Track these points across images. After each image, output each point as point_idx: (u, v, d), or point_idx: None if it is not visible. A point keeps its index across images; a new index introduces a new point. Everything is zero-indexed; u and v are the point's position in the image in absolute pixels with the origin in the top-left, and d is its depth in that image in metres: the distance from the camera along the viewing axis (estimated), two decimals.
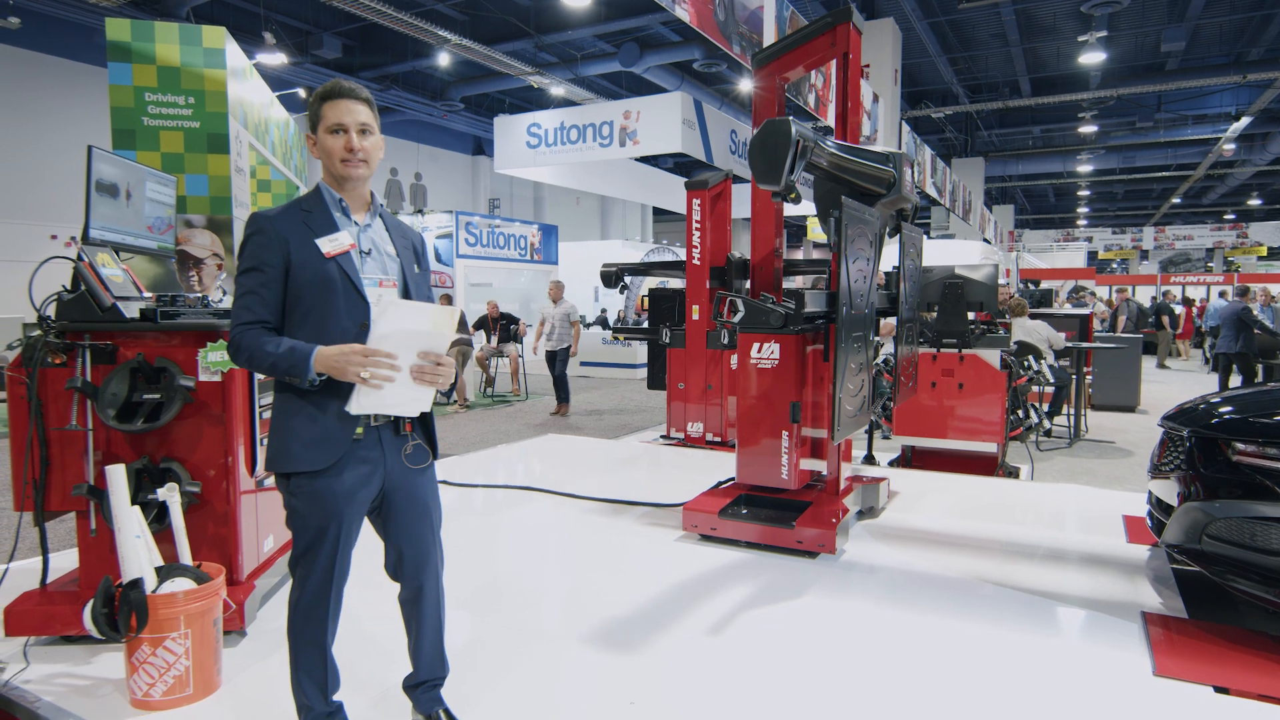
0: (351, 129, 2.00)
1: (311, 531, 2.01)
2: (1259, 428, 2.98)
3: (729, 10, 8.06)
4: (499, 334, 11.56)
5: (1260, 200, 31.58)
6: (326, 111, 2.00)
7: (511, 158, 13.98)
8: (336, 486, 1.99)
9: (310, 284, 1.95)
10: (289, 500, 2.02)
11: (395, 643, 2.91)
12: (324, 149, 2.02)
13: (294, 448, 1.97)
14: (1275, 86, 15.26)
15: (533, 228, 17.93)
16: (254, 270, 1.96)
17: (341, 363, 1.86)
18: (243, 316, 1.94)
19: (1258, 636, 2.95)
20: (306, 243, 1.97)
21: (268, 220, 1.97)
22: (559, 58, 16.21)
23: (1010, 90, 17.87)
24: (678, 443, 6.89)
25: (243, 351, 1.93)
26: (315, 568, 2.04)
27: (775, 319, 3.99)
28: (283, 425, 2.00)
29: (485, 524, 4.64)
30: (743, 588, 3.45)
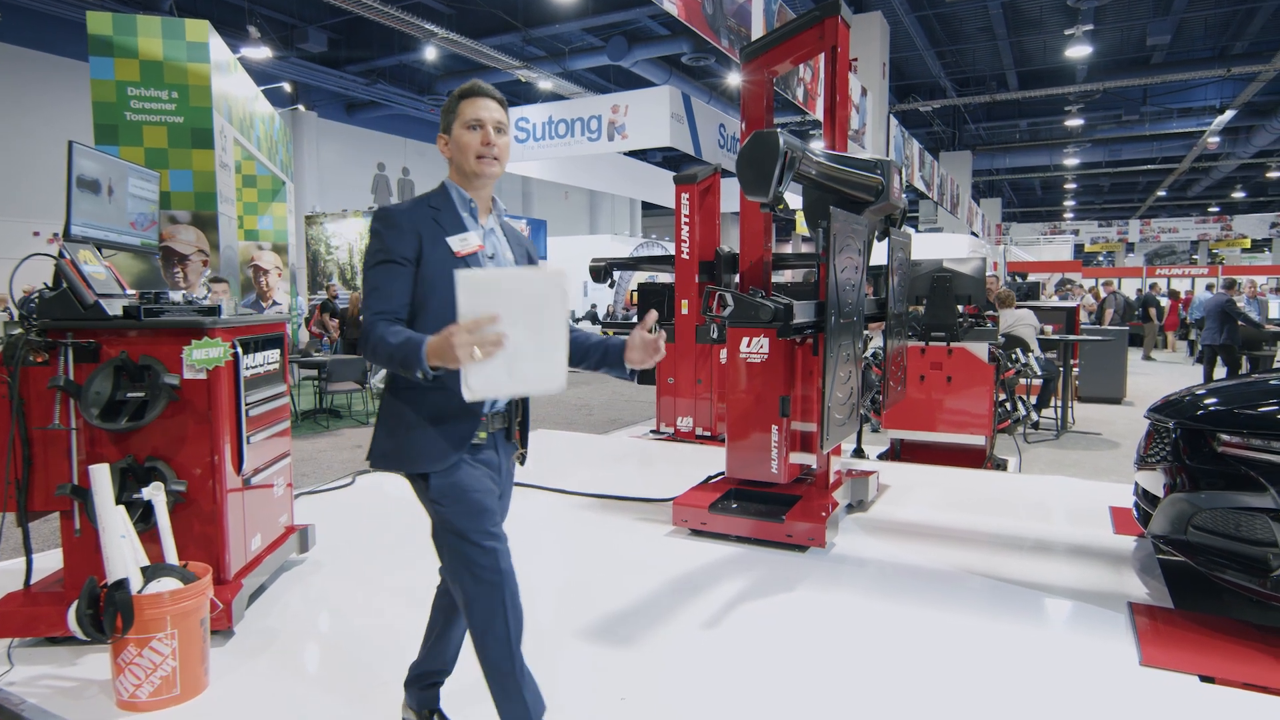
0: (488, 124, 1.96)
1: (465, 536, 1.88)
2: (1243, 419, 3.01)
3: (717, 4, 8.04)
4: None
5: (1244, 193, 31.83)
6: (464, 108, 1.96)
7: None
8: (478, 482, 1.91)
9: (440, 284, 1.87)
10: (434, 508, 1.90)
11: (384, 640, 2.90)
12: (459, 145, 1.97)
13: (415, 444, 1.88)
14: (1259, 80, 15.36)
15: (521, 222, 17.87)
16: (388, 263, 1.88)
17: (445, 346, 1.64)
18: (375, 306, 1.86)
19: (1242, 626, 2.98)
20: (438, 240, 1.92)
21: (400, 214, 1.91)
22: (547, 52, 16.14)
23: (997, 84, 17.92)
24: (667, 437, 6.89)
25: (370, 342, 1.83)
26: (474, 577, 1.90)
27: (765, 314, 3.99)
28: (399, 420, 1.92)
29: None
30: (734, 582, 3.46)
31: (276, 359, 3.39)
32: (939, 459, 5.96)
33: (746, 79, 4.29)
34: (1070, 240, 33.24)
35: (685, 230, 6.63)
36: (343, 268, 16.08)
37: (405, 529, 4.37)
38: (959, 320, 5.76)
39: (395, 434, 1.92)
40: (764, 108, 4.25)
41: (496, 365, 1.63)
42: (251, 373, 3.09)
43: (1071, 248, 32.98)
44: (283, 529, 3.55)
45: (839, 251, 3.49)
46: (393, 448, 1.92)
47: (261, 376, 3.21)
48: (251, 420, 3.06)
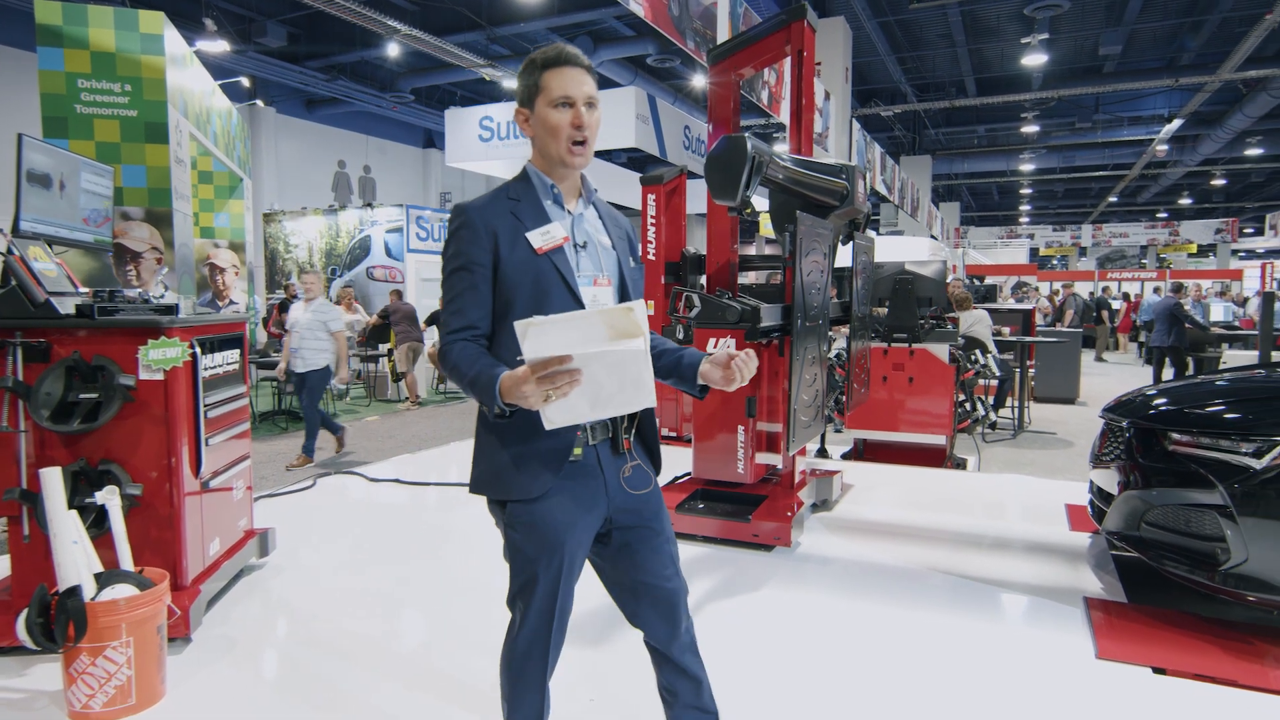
0: (579, 101, 1.68)
1: (531, 566, 1.73)
2: (1192, 419, 3.10)
3: (683, 6, 8.07)
4: None
5: (1190, 200, 32.87)
6: (549, 81, 1.68)
7: (463, 151, 13.79)
8: (558, 515, 1.71)
9: (522, 284, 1.68)
10: (506, 532, 1.76)
11: (346, 646, 2.86)
12: (545, 126, 1.69)
13: (504, 472, 1.71)
14: (1205, 90, 15.88)
15: None
16: (461, 270, 1.69)
17: (518, 391, 1.49)
18: (452, 323, 1.68)
19: (1193, 619, 3.08)
20: (517, 236, 1.69)
21: (474, 212, 1.70)
22: (512, 50, 16.04)
23: (956, 90, 18.25)
24: None
25: (448, 365, 1.67)
26: (533, 605, 1.76)
27: (732, 315, 4.02)
28: (490, 445, 1.73)
29: (439, 522, 4.58)
30: (701, 582, 3.47)
31: (236, 359, 3.32)
32: (901, 458, 6.05)
33: (713, 81, 4.31)
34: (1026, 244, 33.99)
35: (651, 231, 6.63)
36: (302, 266, 15.81)
37: (367, 532, 4.31)
38: (921, 322, 5.86)
39: (487, 456, 1.74)
40: (731, 110, 4.28)
41: (578, 398, 1.50)
42: (210, 373, 3.02)
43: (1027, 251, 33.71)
44: (242, 533, 3.48)
45: (805, 255, 3.53)
46: (486, 472, 1.74)
47: (220, 377, 3.14)
48: (210, 422, 2.99)
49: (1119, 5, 13.45)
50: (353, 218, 15.56)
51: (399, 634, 3.05)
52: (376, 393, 10.62)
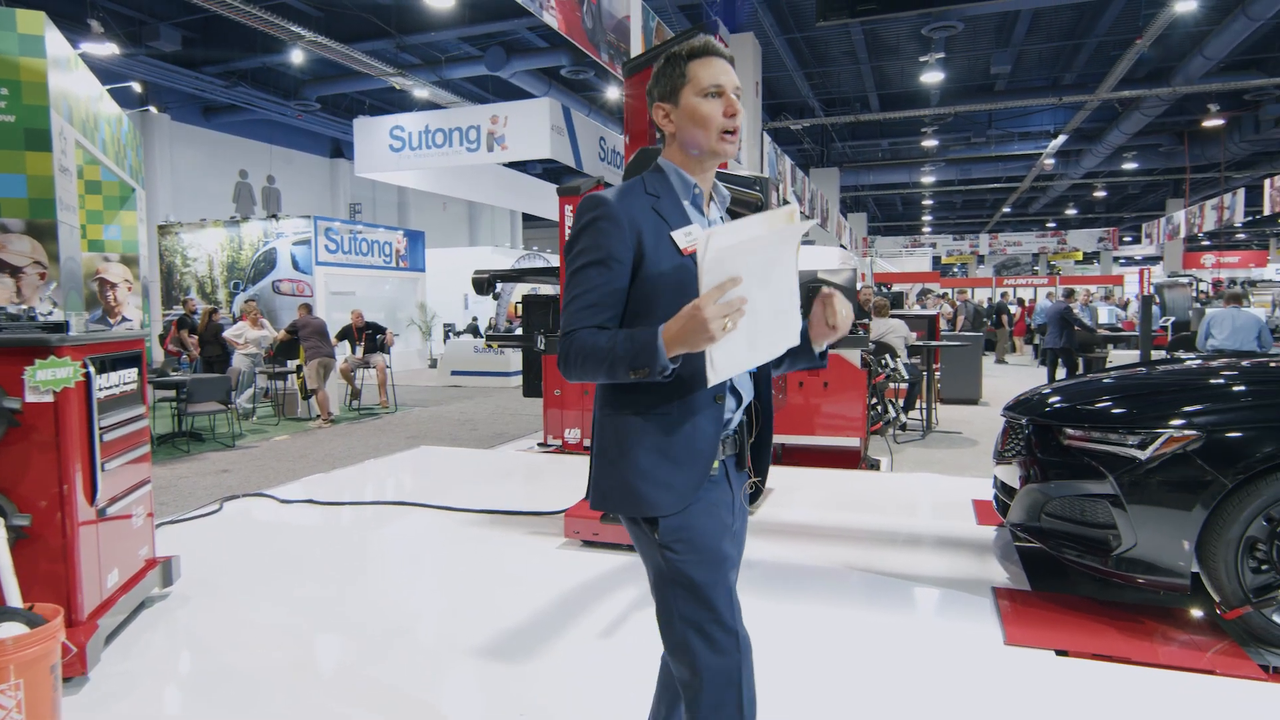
0: (729, 90, 1.58)
1: (695, 589, 1.53)
2: (1084, 414, 3.31)
3: (596, 18, 8.13)
4: (365, 344, 11.10)
5: (1076, 210, 35.09)
6: (698, 71, 1.58)
7: (373, 161, 13.49)
8: (711, 523, 1.55)
9: (665, 287, 1.53)
10: (664, 555, 1.52)
11: (261, 677, 2.73)
12: (694, 117, 1.57)
13: (647, 483, 1.52)
14: (1086, 108, 17.00)
15: (398, 234, 17.35)
16: (599, 264, 1.52)
17: (694, 324, 1.34)
18: (582, 320, 1.51)
19: (1090, 602, 3.27)
20: (661, 234, 1.56)
21: (617, 203, 1.54)
22: (422, 59, 15.79)
23: (861, 105, 18.98)
24: (555, 450, 6.86)
25: (573, 356, 1.50)
26: (716, 632, 1.55)
27: None
28: (625, 452, 1.56)
29: (356, 542, 4.44)
30: (629, 590, 3.48)
31: (134, 378, 3.14)
32: (818, 461, 6.22)
33: (629, 94, 4.35)
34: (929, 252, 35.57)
35: None
36: (201, 281, 15.11)
37: (279, 557, 4.14)
38: None
39: (619, 469, 1.56)
40: (647, 122, 4.32)
41: (738, 336, 1.38)
42: (106, 394, 2.85)
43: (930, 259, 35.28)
44: (143, 562, 3.29)
45: None
46: (617, 487, 1.56)
47: (117, 398, 2.96)
48: (106, 446, 2.82)
49: (1008, 27, 14.27)
50: (256, 230, 14.97)
51: (316, 662, 2.93)
52: (285, 411, 10.22)
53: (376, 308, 16.09)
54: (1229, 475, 2.85)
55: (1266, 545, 2.83)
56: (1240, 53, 14.74)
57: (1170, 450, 2.97)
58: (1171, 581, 2.96)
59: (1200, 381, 3.63)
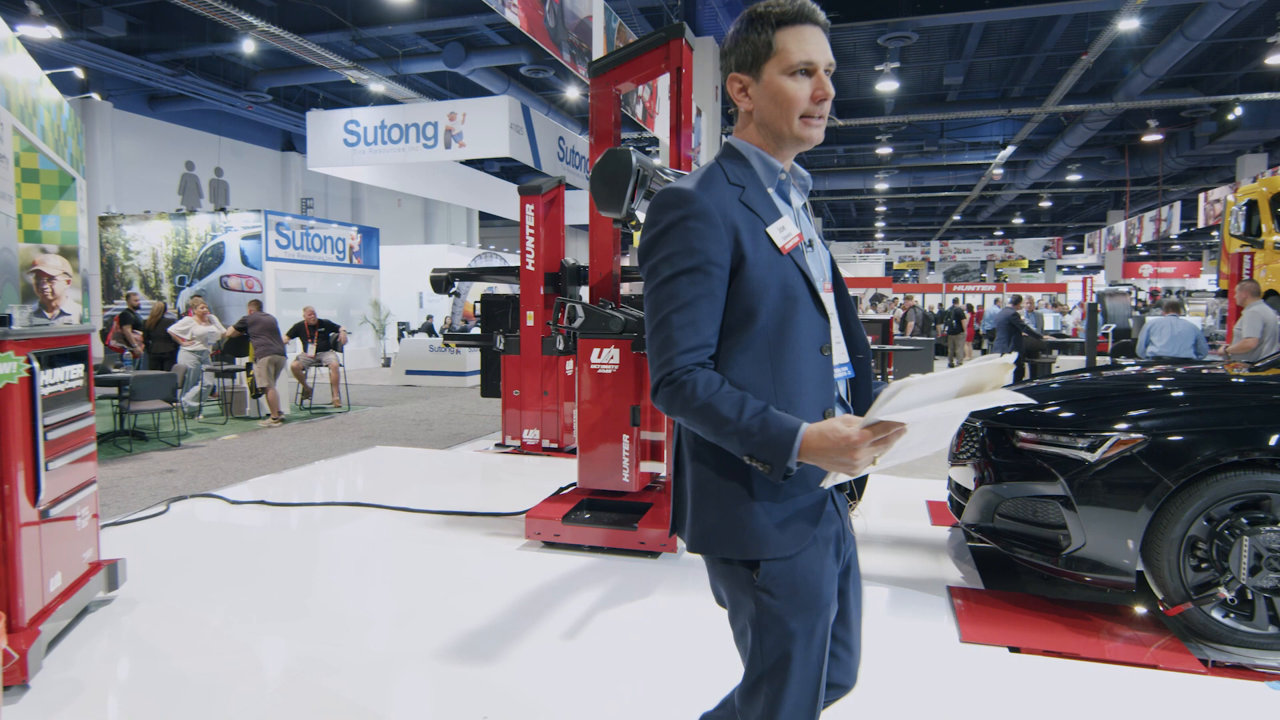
0: (821, 67, 1.36)
1: (789, 637, 1.36)
2: (1036, 418, 3.40)
3: (559, 18, 8.10)
4: (317, 342, 10.87)
5: (1023, 219, 36.12)
6: (787, 42, 1.34)
7: (327, 155, 13.24)
8: (817, 568, 1.38)
9: (769, 291, 1.33)
10: (760, 599, 1.36)
11: (209, 683, 2.66)
12: (776, 97, 1.36)
13: (756, 526, 1.35)
14: (1033, 120, 17.51)
15: (352, 230, 17.03)
16: (694, 272, 1.30)
17: (839, 454, 1.20)
18: (682, 341, 1.30)
19: (1041, 601, 3.37)
20: (757, 231, 1.34)
21: (708, 199, 1.32)
22: (379, 53, 15.54)
23: None
24: (514, 450, 6.80)
25: (680, 403, 1.30)
26: (791, 684, 1.37)
27: (615, 325, 4.05)
28: (728, 491, 1.37)
29: (309, 544, 4.34)
30: (591, 591, 3.47)
31: (80, 375, 3.03)
32: None
33: (594, 93, 4.34)
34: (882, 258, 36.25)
35: (530, 241, 6.60)
36: (145, 275, 14.63)
37: (228, 559, 4.03)
38: None
39: (723, 505, 1.37)
40: (612, 123, 4.33)
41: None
42: (50, 390, 2.74)
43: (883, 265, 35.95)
44: (88, 565, 3.17)
45: None
46: (721, 524, 1.37)
47: (62, 395, 2.85)
48: (51, 445, 2.71)
49: (960, 40, 14.63)
50: (204, 223, 14.54)
51: (267, 669, 2.86)
52: (233, 410, 9.95)
53: (329, 305, 15.79)
54: (1172, 477, 2.96)
55: (1207, 544, 2.95)
56: (1178, 71, 15.35)
57: (1117, 453, 3.08)
58: (1118, 579, 3.06)
59: (1145, 387, 3.76)
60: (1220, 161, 21.58)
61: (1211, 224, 19.90)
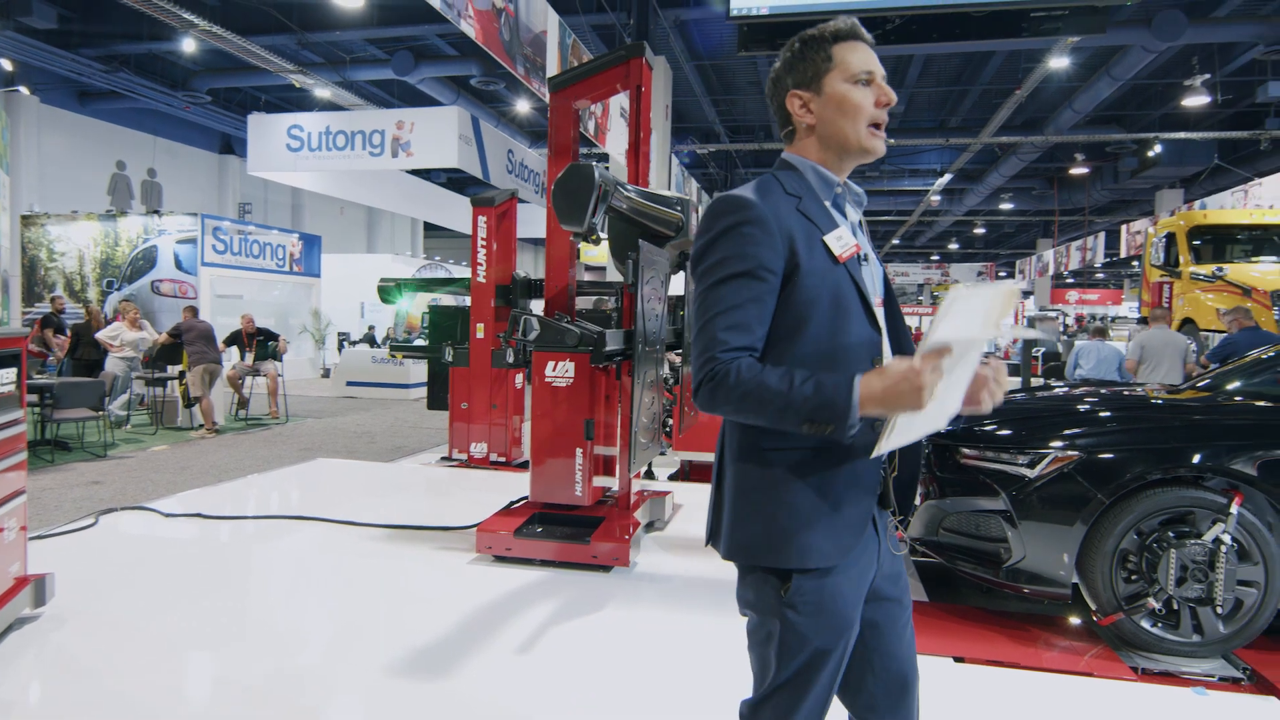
0: (879, 78, 1.41)
1: (809, 655, 1.36)
2: (979, 435, 3.53)
3: (514, 31, 8.11)
4: (255, 351, 10.56)
5: (958, 245, 37.41)
6: (846, 56, 1.40)
7: (268, 160, 12.95)
8: (848, 588, 1.37)
9: (821, 300, 1.35)
10: (783, 612, 1.36)
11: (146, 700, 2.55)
12: (842, 106, 1.39)
13: (800, 532, 1.34)
14: (970, 150, 18.19)
15: (293, 237, 16.64)
16: (746, 276, 1.32)
17: (908, 386, 1.18)
18: (729, 339, 1.30)
19: (981, 612, 3.48)
20: (813, 240, 1.36)
21: (764, 206, 1.34)
22: (325, 58, 15.30)
23: (765, 133, 19.63)
24: (460, 464, 6.71)
25: (725, 390, 1.29)
26: (802, 707, 1.39)
27: (570, 338, 4.06)
28: (775, 496, 1.36)
29: (248, 559, 4.21)
30: (544, 605, 3.44)
31: (13, 379, 2.89)
32: None
33: (554, 109, 4.37)
34: None
35: (482, 253, 6.55)
36: (70, 277, 14.02)
37: (163, 575, 3.89)
38: None
39: (764, 512, 1.37)
40: (571, 138, 4.35)
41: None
42: None
43: None
44: (13, 580, 3.01)
45: (645, 282, 3.65)
46: (763, 533, 1.36)
47: None
48: None
49: (901, 70, 15.13)
50: (135, 225, 14.03)
51: (202, 689, 2.76)
52: (164, 420, 9.57)
53: (267, 313, 15.35)
54: (1105, 493, 3.11)
55: (1137, 557, 3.10)
56: (1104, 109, 16.17)
57: (1055, 469, 3.21)
58: (1054, 591, 3.18)
59: (1077, 408, 3.94)
60: (1141, 195, 22.75)
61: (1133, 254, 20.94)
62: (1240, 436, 3.18)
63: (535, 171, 15.37)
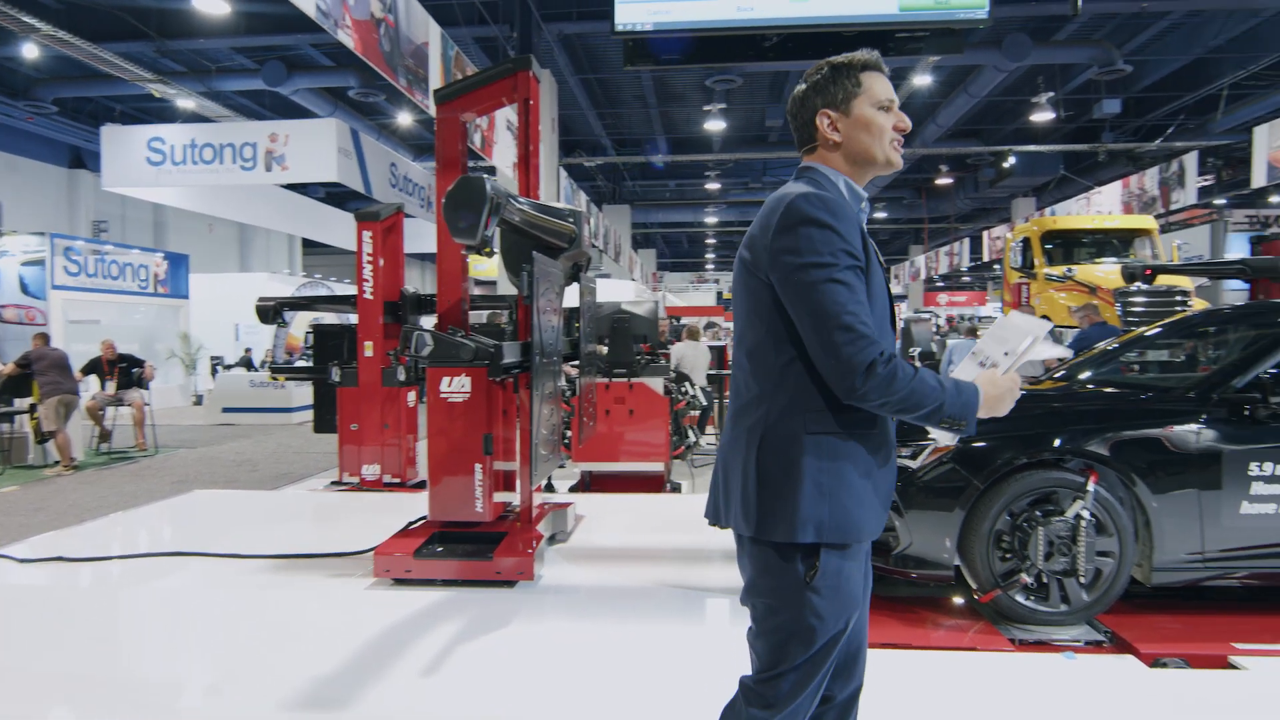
0: (896, 107, 1.62)
1: (827, 635, 1.49)
2: None
3: (394, 42, 7.93)
4: (118, 379, 9.82)
5: None
6: (872, 84, 1.59)
7: (126, 175, 12.10)
8: (858, 568, 1.55)
9: (879, 299, 1.52)
10: (804, 595, 1.48)
11: None
12: (870, 127, 1.58)
13: (856, 510, 1.49)
14: None
15: (156, 256, 15.62)
16: (856, 270, 1.47)
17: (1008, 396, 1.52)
18: (872, 332, 1.44)
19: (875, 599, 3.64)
20: (869, 243, 1.54)
21: (844, 204, 1.51)
22: (188, 67, 14.47)
23: (651, 147, 19.97)
24: (352, 487, 6.46)
25: (904, 383, 1.43)
26: (806, 689, 1.52)
27: (466, 353, 4.01)
28: (839, 478, 1.49)
29: (122, 601, 3.91)
30: (449, 625, 3.37)
31: None
32: (625, 487, 6.39)
33: (441, 121, 4.31)
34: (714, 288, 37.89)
35: (368, 269, 6.36)
36: None
37: (18, 626, 3.56)
38: (637, 357, 6.29)
39: (825, 491, 1.48)
40: (459, 151, 4.31)
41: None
42: None
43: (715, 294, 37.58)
44: None
45: (540, 294, 3.64)
46: (828, 512, 1.48)
47: None
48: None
49: (780, 85, 15.74)
50: None
51: None
52: (12, 457, 8.76)
53: (130, 338, 14.32)
54: (980, 479, 3.33)
55: (1010, 536, 3.34)
56: (964, 123, 17.33)
57: (934, 460, 3.42)
58: (939, 574, 3.39)
59: None
60: (999, 203, 24.51)
61: (994, 258, 22.51)
62: (1093, 421, 3.48)
63: (420, 185, 15.03)
